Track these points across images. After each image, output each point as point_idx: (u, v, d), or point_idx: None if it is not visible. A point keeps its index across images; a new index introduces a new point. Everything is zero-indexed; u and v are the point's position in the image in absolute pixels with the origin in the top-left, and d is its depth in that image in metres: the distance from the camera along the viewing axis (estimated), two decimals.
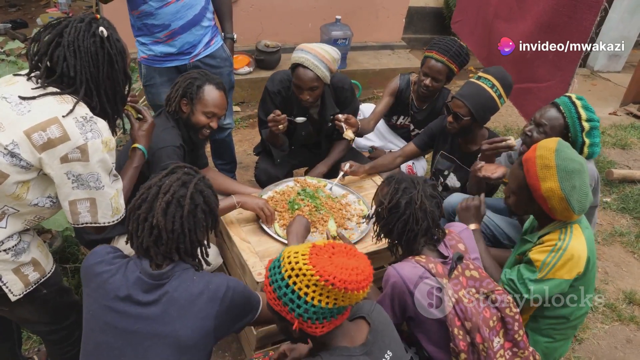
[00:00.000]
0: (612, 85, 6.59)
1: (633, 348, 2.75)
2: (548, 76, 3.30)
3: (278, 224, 2.34)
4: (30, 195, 1.53)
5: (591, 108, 2.27)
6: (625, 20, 6.48)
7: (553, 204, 1.88)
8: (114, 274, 1.41)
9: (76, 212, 1.57)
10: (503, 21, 3.77)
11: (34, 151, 1.44)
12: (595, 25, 2.94)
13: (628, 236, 3.64)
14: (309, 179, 2.73)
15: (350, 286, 1.25)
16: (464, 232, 2.03)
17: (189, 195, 1.43)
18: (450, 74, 3.10)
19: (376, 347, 1.41)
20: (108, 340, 1.38)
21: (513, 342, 1.82)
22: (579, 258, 1.88)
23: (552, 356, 2.14)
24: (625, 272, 3.31)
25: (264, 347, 2.20)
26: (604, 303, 2.99)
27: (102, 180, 1.56)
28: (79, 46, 1.53)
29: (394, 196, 1.85)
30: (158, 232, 1.41)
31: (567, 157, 1.88)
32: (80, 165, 1.50)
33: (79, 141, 1.47)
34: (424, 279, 1.75)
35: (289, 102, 2.94)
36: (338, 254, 1.32)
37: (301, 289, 1.27)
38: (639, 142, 5.12)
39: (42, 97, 1.49)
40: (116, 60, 1.61)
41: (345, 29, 5.06)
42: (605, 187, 4.21)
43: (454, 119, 2.66)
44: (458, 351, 1.73)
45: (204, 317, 1.40)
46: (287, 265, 1.30)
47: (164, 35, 2.73)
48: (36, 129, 1.43)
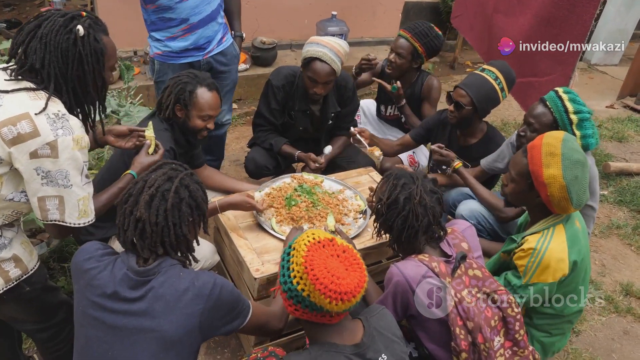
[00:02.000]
0: (609, 78, 6.59)
1: (630, 339, 2.76)
2: (549, 70, 3.32)
3: (275, 220, 2.34)
4: (4, 191, 1.53)
5: (579, 100, 2.27)
6: (622, 13, 6.49)
7: (552, 191, 1.87)
8: (102, 270, 1.43)
9: (45, 209, 1.55)
10: (503, 15, 3.77)
11: (3, 145, 1.45)
12: (594, 18, 2.95)
13: (625, 229, 3.65)
14: (305, 175, 2.73)
15: (321, 288, 1.31)
16: (467, 231, 2.03)
17: (173, 189, 1.44)
18: (415, 52, 3.13)
19: (370, 350, 1.43)
20: (98, 335, 1.40)
21: (513, 341, 1.82)
22: (558, 261, 1.89)
23: (550, 350, 2.15)
24: (622, 265, 3.33)
25: (262, 343, 2.21)
26: (603, 296, 3.00)
27: (71, 179, 1.55)
28: (50, 40, 1.52)
29: (392, 192, 1.84)
30: (142, 226, 1.42)
31: (573, 147, 1.88)
32: (50, 162, 1.49)
33: (48, 137, 1.47)
34: (426, 278, 1.75)
35: (291, 98, 2.95)
36: (339, 260, 1.37)
37: (292, 263, 1.38)
38: (636, 135, 5.13)
39: (15, 91, 1.50)
40: (87, 61, 1.58)
41: (342, 25, 5.05)
42: (602, 179, 4.22)
43: (456, 108, 2.66)
44: (459, 350, 1.74)
45: (189, 314, 1.40)
46: (300, 240, 1.40)
47: (180, 30, 2.73)
48: (6, 123, 1.44)
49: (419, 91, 3.32)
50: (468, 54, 6.46)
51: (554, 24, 3.16)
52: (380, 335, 1.48)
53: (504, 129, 4.87)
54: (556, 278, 1.90)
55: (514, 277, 1.97)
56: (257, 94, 3.43)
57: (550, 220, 1.97)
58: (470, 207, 2.60)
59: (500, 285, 1.83)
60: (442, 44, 3.23)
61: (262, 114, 3.02)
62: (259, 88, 3.15)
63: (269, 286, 2.05)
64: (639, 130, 5.23)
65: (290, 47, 5.40)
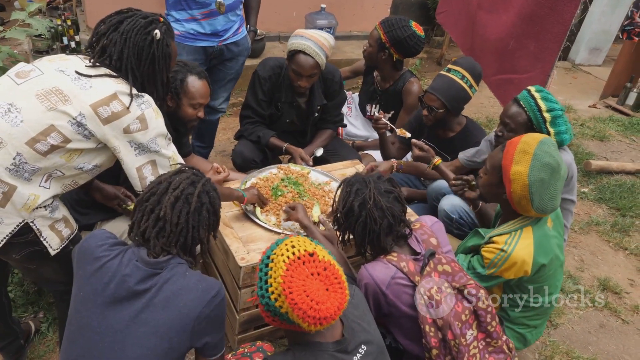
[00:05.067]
0: (592, 78, 6.70)
1: (605, 332, 2.83)
2: (529, 67, 3.35)
3: (260, 210, 2.35)
4: (79, 159, 1.70)
5: (551, 98, 2.31)
6: (607, 14, 6.58)
7: (515, 188, 1.90)
8: (112, 259, 1.44)
9: (143, 177, 1.77)
10: (486, 12, 3.80)
11: (99, 123, 1.64)
12: (576, 17, 2.99)
13: (604, 225, 3.73)
14: (292, 167, 2.74)
15: (299, 313, 1.28)
16: (435, 225, 2.05)
17: (196, 193, 1.51)
18: (380, 41, 3.15)
19: (351, 344, 1.44)
20: (92, 325, 1.40)
21: (486, 333, 1.86)
22: (522, 263, 1.95)
23: (528, 340, 2.21)
24: (600, 260, 3.40)
25: (246, 332, 2.22)
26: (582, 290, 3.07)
27: (158, 142, 1.76)
28: (130, 37, 1.71)
29: (347, 200, 1.84)
30: (163, 224, 1.47)
31: (548, 151, 1.90)
32: (140, 134, 1.70)
33: (136, 112, 1.68)
34: (395, 279, 1.77)
35: (278, 89, 2.95)
36: (320, 278, 1.32)
37: (269, 277, 1.34)
38: (617, 135, 5.23)
39: (99, 77, 1.69)
40: (158, 62, 1.78)
41: (330, 18, 5.05)
42: (583, 177, 4.30)
43: (429, 111, 2.73)
44: (430, 347, 1.77)
45: (186, 314, 1.41)
46: (279, 250, 1.36)
47: (200, 14, 2.77)
48: (101, 103, 1.63)
49: (400, 90, 3.33)
50: (455, 51, 6.50)
51: (536, 21, 3.20)
52: (358, 326, 1.50)
53: (488, 125, 4.93)
54: (517, 276, 1.99)
55: (479, 265, 2.04)
56: (244, 85, 3.42)
57: (518, 223, 2.02)
58: (452, 202, 2.63)
59: (470, 279, 1.85)
60: (412, 39, 3.11)
61: (249, 105, 3.01)
62: (247, 79, 3.14)
63: (254, 275, 2.05)
64: (620, 129, 5.33)
65: (279, 39, 5.39)
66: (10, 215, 1.62)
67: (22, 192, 1.61)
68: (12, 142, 1.57)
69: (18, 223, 1.64)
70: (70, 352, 1.44)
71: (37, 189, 1.65)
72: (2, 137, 1.57)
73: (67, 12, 4.57)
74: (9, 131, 1.57)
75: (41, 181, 1.66)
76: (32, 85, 1.63)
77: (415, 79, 3.32)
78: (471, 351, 1.80)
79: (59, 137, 1.61)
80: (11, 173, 1.59)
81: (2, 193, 1.59)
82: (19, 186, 1.60)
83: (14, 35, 2.72)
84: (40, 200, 1.66)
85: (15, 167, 1.59)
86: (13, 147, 1.57)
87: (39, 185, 1.65)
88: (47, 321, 2.37)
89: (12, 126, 1.57)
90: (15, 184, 1.60)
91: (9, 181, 1.59)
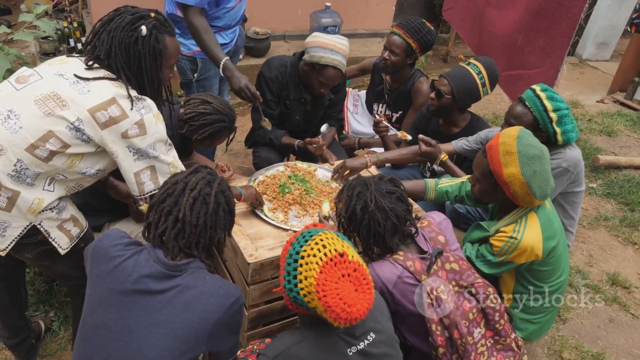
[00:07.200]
0: (600, 73, 6.66)
1: (615, 327, 2.82)
2: (538, 63, 3.34)
3: (268, 207, 2.36)
4: (82, 164, 1.70)
5: (557, 97, 2.31)
6: (614, 9, 6.54)
7: (515, 189, 1.93)
8: (127, 258, 1.44)
9: (141, 182, 1.75)
10: (494, 8, 3.79)
11: (96, 128, 1.62)
12: (584, 11, 2.97)
13: (612, 220, 3.71)
14: (299, 164, 2.75)
15: (332, 315, 1.33)
16: (443, 223, 2.04)
17: (213, 194, 1.50)
18: (409, 49, 3.12)
19: (359, 329, 1.47)
20: (107, 324, 1.39)
21: (494, 331, 1.85)
22: (532, 248, 1.97)
23: (538, 334, 2.22)
24: (609, 255, 3.39)
25: (255, 329, 2.23)
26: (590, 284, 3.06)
27: (158, 148, 1.74)
28: (116, 35, 1.67)
29: (349, 204, 1.83)
30: (182, 226, 1.45)
31: (528, 143, 1.93)
32: (139, 139, 1.67)
33: (135, 117, 1.65)
34: (402, 278, 1.77)
35: (285, 88, 2.96)
36: (350, 279, 1.36)
37: (300, 273, 1.37)
38: (625, 129, 5.20)
39: (97, 79, 1.66)
40: (145, 59, 1.72)
41: (335, 17, 5.06)
42: (591, 172, 4.28)
43: (436, 96, 2.71)
44: (436, 346, 1.77)
45: (205, 319, 1.41)
46: (310, 249, 1.38)
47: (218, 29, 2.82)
48: (99, 108, 1.61)
49: (409, 90, 3.31)
50: (461, 48, 6.49)
51: (544, 16, 3.19)
52: (370, 314, 1.49)
53: (495, 122, 4.92)
54: (529, 260, 2.00)
55: (488, 253, 2.06)
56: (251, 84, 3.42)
57: (521, 211, 2.04)
58: None
59: (478, 277, 1.85)
60: (434, 38, 3.21)
61: (257, 107, 3.01)
62: (253, 78, 3.14)
63: (262, 271, 2.07)
64: (628, 124, 5.30)
65: (284, 38, 5.40)
66: (17, 219, 1.64)
67: (26, 196, 1.62)
68: (13, 148, 1.57)
69: (25, 226, 1.66)
70: (85, 350, 1.43)
71: (41, 193, 1.66)
72: (3, 144, 1.57)
73: (73, 14, 4.61)
74: (9, 138, 1.56)
75: (44, 185, 1.67)
76: (30, 90, 1.62)
77: (424, 78, 3.31)
78: (479, 349, 1.80)
79: (57, 143, 1.60)
80: (13, 179, 1.59)
81: (6, 198, 1.60)
82: (22, 191, 1.61)
83: (21, 37, 2.75)
84: (45, 204, 1.66)
85: (17, 173, 1.59)
86: (13, 153, 1.57)
87: (42, 189, 1.66)
88: (58, 320, 2.40)
89: (12, 133, 1.57)
90: (19, 190, 1.60)
91: (12, 187, 1.59)
